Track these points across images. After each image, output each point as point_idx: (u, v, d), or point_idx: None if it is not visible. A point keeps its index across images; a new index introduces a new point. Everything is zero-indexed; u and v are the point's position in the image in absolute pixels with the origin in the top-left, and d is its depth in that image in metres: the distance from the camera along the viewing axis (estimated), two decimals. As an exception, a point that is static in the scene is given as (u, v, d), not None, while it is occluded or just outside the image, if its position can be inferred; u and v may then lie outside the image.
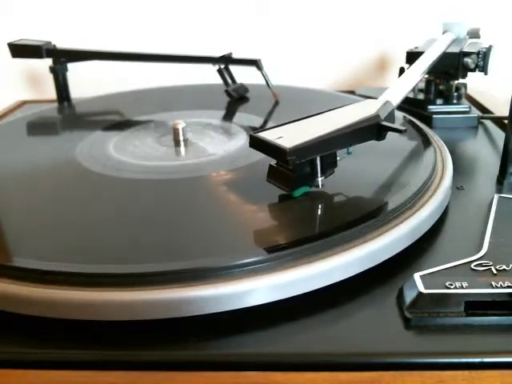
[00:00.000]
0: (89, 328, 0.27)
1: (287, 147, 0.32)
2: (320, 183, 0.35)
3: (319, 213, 0.34)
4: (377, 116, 0.35)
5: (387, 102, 0.38)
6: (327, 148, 0.34)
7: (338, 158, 0.36)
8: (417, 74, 0.48)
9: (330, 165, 0.35)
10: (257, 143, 0.34)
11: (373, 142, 0.36)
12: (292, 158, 0.32)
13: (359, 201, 0.35)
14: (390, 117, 0.37)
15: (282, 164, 0.34)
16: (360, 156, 0.39)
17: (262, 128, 0.36)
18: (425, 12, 0.73)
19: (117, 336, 0.27)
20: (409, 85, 0.45)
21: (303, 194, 0.35)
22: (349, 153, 0.36)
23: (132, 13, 0.74)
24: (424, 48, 0.55)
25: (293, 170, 0.33)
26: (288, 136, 0.33)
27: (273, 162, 0.35)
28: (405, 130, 0.35)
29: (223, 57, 0.61)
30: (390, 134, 0.36)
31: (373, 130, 0.35)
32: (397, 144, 0.44)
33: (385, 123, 0.35)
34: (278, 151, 0.32)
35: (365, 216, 0.32)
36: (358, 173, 0.39)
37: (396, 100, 0.41)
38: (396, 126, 0.36)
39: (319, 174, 0.34)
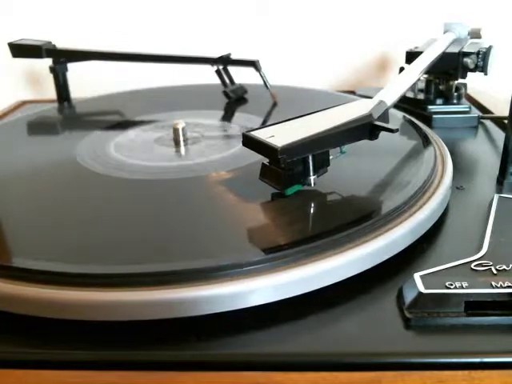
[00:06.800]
0: (88, 328, 0.27)
1: (278, 146, 0.32)
2: (312, 182, 0.35)
3: (320, 213, 0.34)
4: (369, 115, 0.36)
5: (381, 101, 0.38)
6: (319, 147, 0.34)
7: (330, 157, 0.36)
8: (414, 73, 0.48)
9: (322, 164, 0.35)
10: (249, 142, 0.34)
11: (373, 142, 0.36)
12: (283, 157, 0.32)
13: (359, 200, 0.35)
14: (384, 116, 0.37)
15: (274, 162, 0.34)
16: (360, 156, 0.39)
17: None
18: (426, 12, 0.73)
19: (117, 336, 0.26)
20: (405, 84, 0.45)
21: (295, 192, 0.35)
22: (342, 152, 0.36)
23: (132, 13, 0.74)
24: (424, 48, 0.55)
25: (284, 168, 0.33)
26: (280, 135, 0.33)
27: (266, 160, 0.35)
28: (396, 130, 0.34)
29: (221, 57, 0.61)
30: (390, 134, 0.36)
31: (365, 129, 0.35)
32: (397, 144, 0.44)
33: (377, 123, 0.35)
34: (269, 150, 0.33)
35: (365, 216, 0.32)
36: (358, 172, 0.39)
37: (391, 99, 0.40)
38: (388, 125, 0.35)
39: (311, 173, 0.34)
